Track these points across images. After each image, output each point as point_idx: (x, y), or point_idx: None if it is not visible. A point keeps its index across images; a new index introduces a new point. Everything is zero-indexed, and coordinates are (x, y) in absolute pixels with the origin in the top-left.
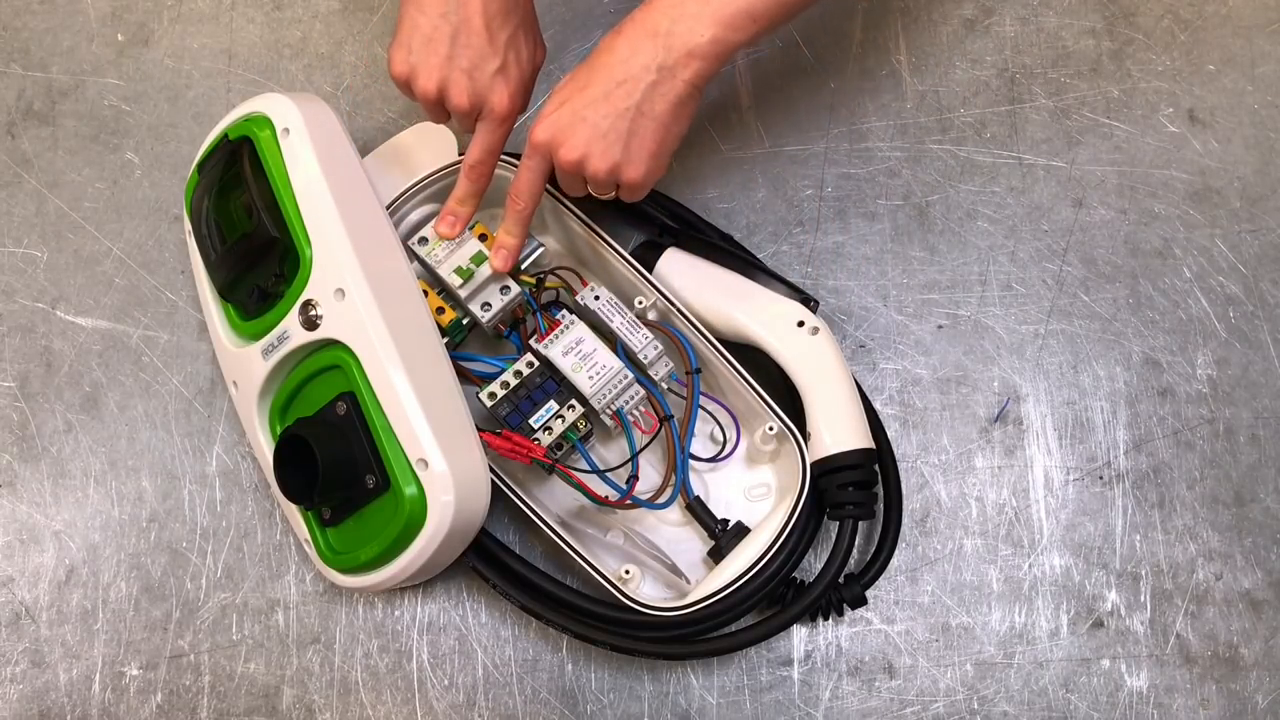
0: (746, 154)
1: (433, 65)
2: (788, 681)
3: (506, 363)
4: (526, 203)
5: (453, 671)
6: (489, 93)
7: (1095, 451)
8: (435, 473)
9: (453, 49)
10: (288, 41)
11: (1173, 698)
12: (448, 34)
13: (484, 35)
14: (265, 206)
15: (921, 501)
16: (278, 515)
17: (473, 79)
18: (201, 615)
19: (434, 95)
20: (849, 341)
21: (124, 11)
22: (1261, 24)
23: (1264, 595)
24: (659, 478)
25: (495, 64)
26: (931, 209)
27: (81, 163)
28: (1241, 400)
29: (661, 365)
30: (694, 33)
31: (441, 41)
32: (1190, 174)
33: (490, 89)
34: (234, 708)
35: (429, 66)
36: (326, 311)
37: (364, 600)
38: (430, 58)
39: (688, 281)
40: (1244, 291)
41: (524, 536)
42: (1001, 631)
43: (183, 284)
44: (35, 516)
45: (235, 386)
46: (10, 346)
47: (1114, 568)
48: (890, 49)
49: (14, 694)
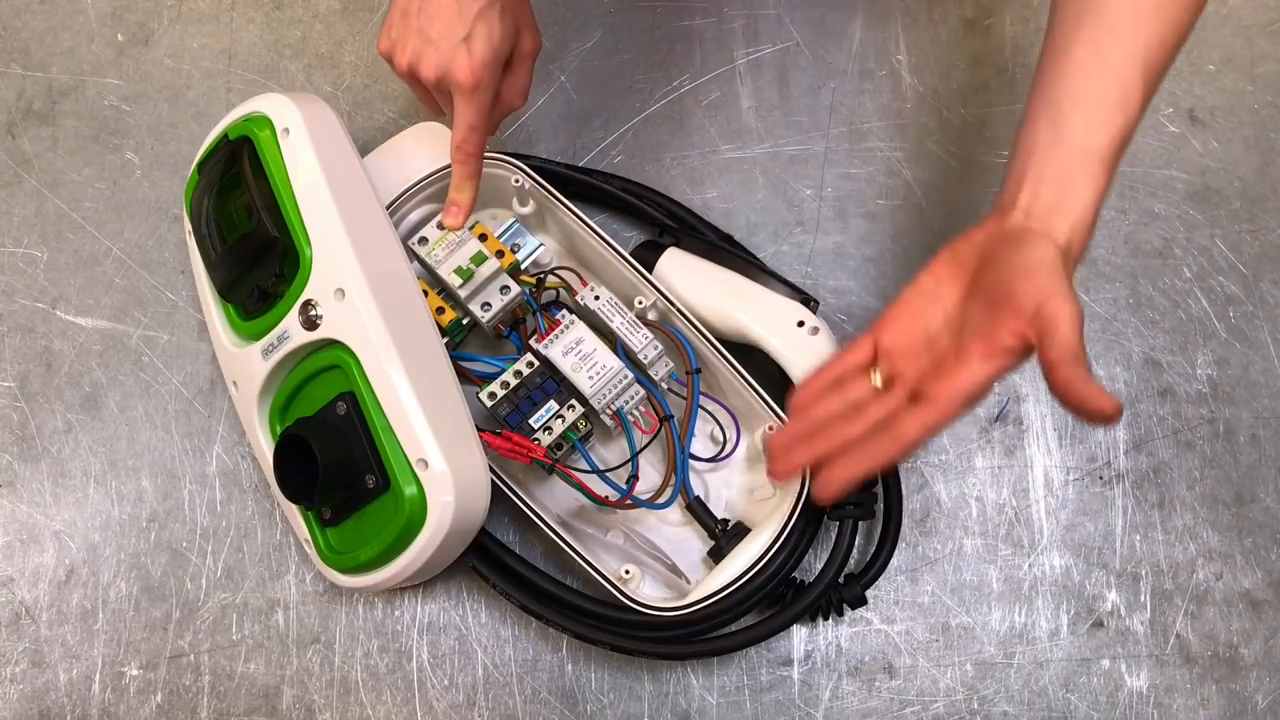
0: (746, 154)
1: (407, 39)
2: (788, 681)
3: (506, 363)
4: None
5: (453, 671)
6: (451, 63)
7: (1095, 451)
8: (435, 473)
9: (421, 20)
10: (288, 41)
11: (1173, 698)
12: (418, 6)
13: (453, 6)
14: (265, 206)
15: (921, 501)
16: (278, 515)
17: (438, 49)
18: (201, 615)
19: (406, 69)
20: (849, 341)
21: (124, 11)
22: (1261, 24)
23: (1264, 595)
24: (659, 478)
25: (461, 34)
26: (931, 209)
27: (81, 163)
28: (1241, 400)
29: (661, 365)
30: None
31: (414, 14)
32: (1190, 174)
33: (453, 59)
34: (234, 708)
35: (404, 40)
36: (326, 311)
37: (364, 600)
38: (405, 32)
39: (688, 281)
40: (1244, 291)
41: (524, 536)
42: (1001, 631)
43: (183, 284)
44: (35, 516)
45: (235, 386)
46: (10, 346)
47: (1114, 568)
48: (890, 49)
49: (14, 694)
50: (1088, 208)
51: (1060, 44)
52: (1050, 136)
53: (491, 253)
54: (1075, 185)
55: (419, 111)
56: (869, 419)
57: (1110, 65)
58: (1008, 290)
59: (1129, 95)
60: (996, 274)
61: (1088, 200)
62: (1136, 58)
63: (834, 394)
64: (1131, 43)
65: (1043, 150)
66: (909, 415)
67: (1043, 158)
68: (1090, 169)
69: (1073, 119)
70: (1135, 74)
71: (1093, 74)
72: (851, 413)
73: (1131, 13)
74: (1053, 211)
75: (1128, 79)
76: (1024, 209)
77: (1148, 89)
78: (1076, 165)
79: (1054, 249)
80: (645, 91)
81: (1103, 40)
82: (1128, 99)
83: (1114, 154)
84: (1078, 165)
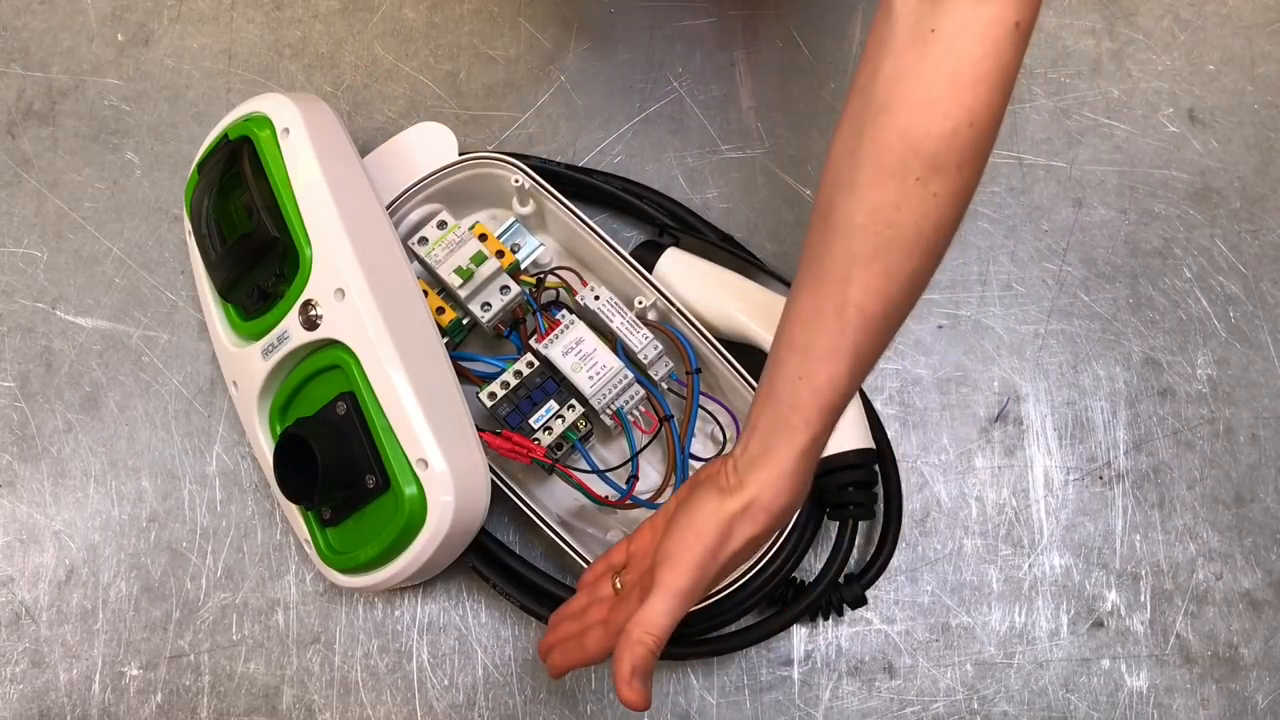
0: (746, 154)
1: None
2: (788, 681)
3: (506, 363)
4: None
5: (453, 671)
6: None
7: (1095, 451)
8: (435, 473)
9: None
10: (288, 41)
11: (1173, 698)
12: None
13: None
14: (265, 206)
15: (921, 501)
16: (278, 515)
17: None
18: (201, 615)
19: None
20: None
21: (124, 11)
22: (1261, 24)
23: (1264, 595)
24: (659, 478)
25: None
26: None
27: (81, 163)
28: (1241, 400)
29: (661, 365)
30: None
31: None
32: (1190, 174)
33: None
34: (234, 708)
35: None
36: (326, 311)
37: (364, 600)
38: None
39: (688, 281)
40: (1244, 291)
41: (524, 536)
42: (1001, 631)
43: (183, 284)
44: (35, 516)
45: (235, 386)
46: (10, 346)
47: (1114, 568)
48: None
49: (14, 694)
50: (783, 467)
51: (792, 292)
52: (766, 388)
53: (491, 253)
54: (776, 442)
55: (419, 112)
56: (595, 619)
57: (821, 316)
58: (666, 534)
59: (836, 348)
60: (673, 515)
61: (783, 460)
62: (847, 309)
63: (582, 594)
64: (843, 294)
65: (759, 401)
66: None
67: (758, 409)
68: (791, 424)
69: (785, 370)
70: (845, 328)
71: (807, 323)
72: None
73: (844, 262)
74: (751, 466)
75: (836, 333)
76: (735, 457)
77: (858, 345)
78: (781, 420)
79: (719, 518)
80: (645, 91)
81: (820, 290)
82: (835, 352)
83: (817, 409)
84: (782, 420)
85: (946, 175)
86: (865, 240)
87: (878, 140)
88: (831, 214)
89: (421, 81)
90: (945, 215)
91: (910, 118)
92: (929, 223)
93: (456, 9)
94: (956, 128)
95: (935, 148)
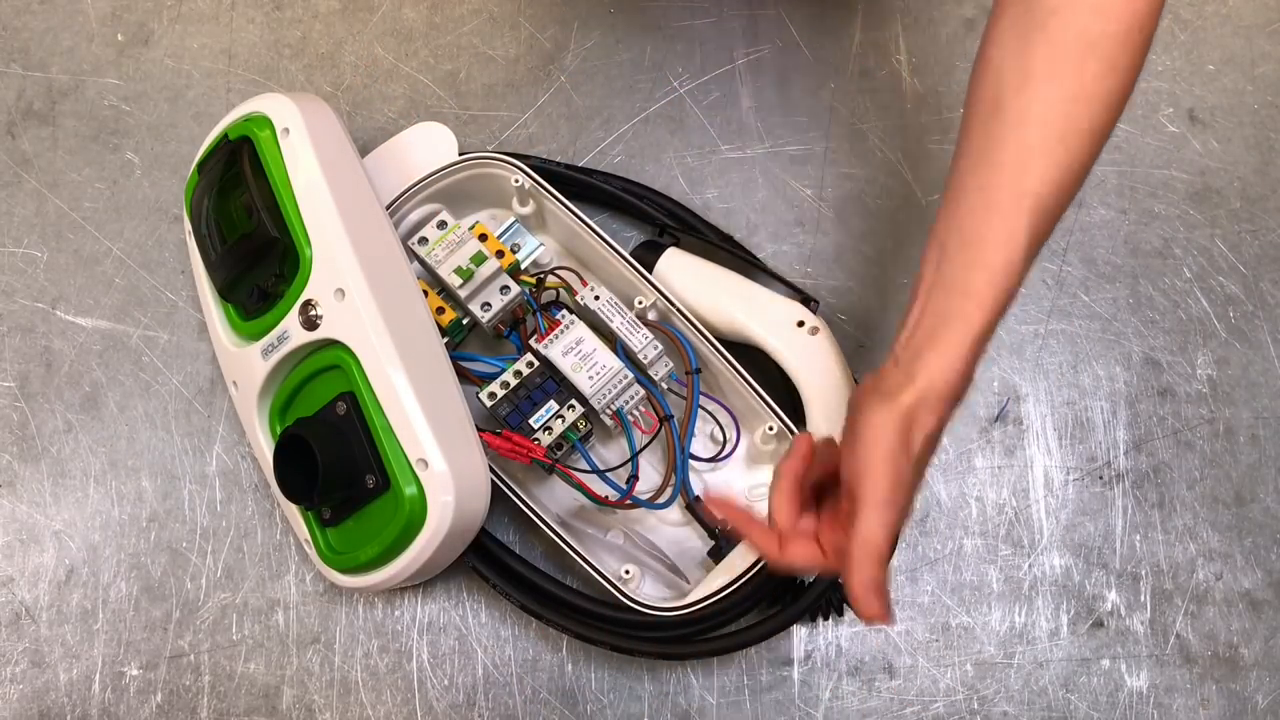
0: (746, 154)
1: None
2: (788, 681)
3: (506, 363)
4: None
5: (453, 671)
6: None
7: (1095, 451)
8: (435, 473)
9: None
10: (288, 41)
11: (1173, 698)
12: None
13: None
14: (265, 206)
15: (921, 501)
16: (278, 515)
17: None
18: (201, 615)
19: None
20: (849, 341)
21: (124, 11)
22: (1261, 24)
23: (1264, 595)
24: (659, 478)
25: None
26: (931, 209)
27: (81, 163)
28: (1241, 400)
29: (661, 365)
30: None
31: None
32: (1190, 174)
33: None
34: (234, 708)
35: None
36: (326, 311)
37: (364, 600)
38: None
39: (688, 281)
40: (1244, 291)
41: (524, 536)
42: (1001, 631)
43: (183, 284)
44: (35, 516)
45: (235, 386)
46: (10, 346)
47: (1114, 568)
48: (890, 49)
49: (14, 694)
50: (956, 350)
51: (955, 187)
52: (931, 281)
53: (491, 253)
54: (947, 328)
55: (419, 112)
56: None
57: (996, 205)
58: (847, 453)
59: (1013, 234)
60: (847, 436)
61: (956, 343)
62: (1024, 198)
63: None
64: (1019, 184)
65: (924, 291)
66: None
67: (920, 304)
68: (965, 310)
69: (955, 259)
70: (1021, 214)
71: (979, 215)
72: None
73: (1019, 155)
74: (917, 357)
75: (1013, 218)
76: (896, 355)
77: (1034, 229)
78: (953, 307)
79: (894, 416)
80: (645, 91)
81: (991, 182)
82: (1011, 238)
83: (992, 294)
84: (954, 307)
85: (1117, 73)
86: (1043, 133)
87: (1053, 41)
88: (1001, 111)
89: (421, 81)
90: (1113, 109)
91: (1088, 19)
92: (1101, 116)
93: (456, 9)
94: (1129, 30)
95: (1110, 47)
